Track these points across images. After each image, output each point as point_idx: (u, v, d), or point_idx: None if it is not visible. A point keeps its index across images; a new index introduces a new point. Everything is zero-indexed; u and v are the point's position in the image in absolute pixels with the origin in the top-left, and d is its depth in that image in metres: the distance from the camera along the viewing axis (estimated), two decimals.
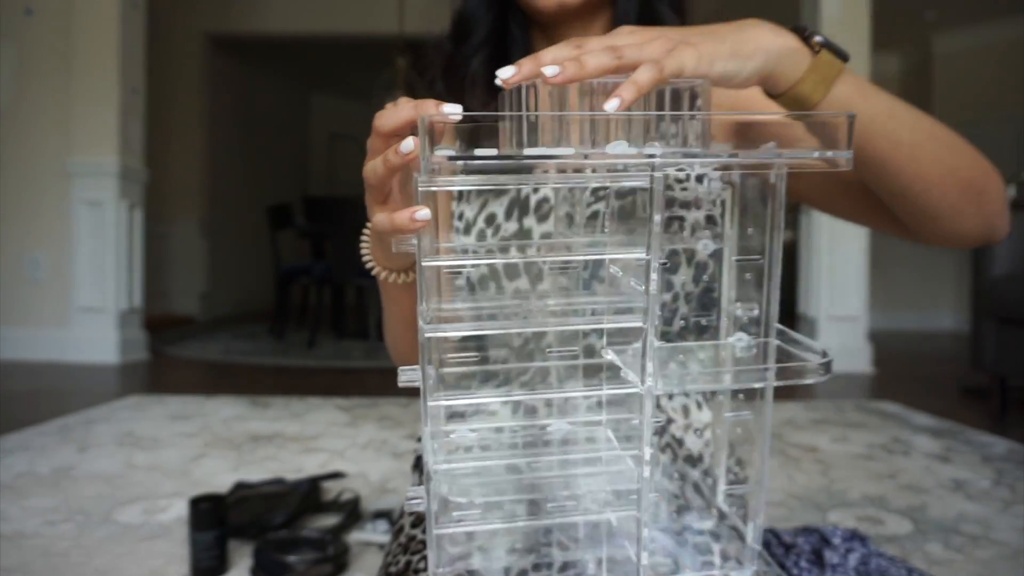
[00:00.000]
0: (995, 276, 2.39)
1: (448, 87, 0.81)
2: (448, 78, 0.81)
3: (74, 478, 1.60)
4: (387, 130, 0.51)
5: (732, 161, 0.43)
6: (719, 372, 0.46)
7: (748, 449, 0.51)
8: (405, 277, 0.67)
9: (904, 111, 0.55)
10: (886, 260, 5.36)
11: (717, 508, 0.55)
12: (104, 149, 3.37)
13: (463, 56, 0.79)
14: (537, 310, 0.51)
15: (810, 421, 2.28)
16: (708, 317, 0.56)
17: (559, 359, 0.55)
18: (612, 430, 0.51)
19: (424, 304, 0.45)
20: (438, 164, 0.41)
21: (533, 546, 0.54)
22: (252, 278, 6.37)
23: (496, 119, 0.42)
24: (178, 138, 5.35)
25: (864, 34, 3.34)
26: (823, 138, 0.42)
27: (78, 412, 2.28)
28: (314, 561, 1.09)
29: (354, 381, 3.08)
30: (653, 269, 0.42)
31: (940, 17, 5.08)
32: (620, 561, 0.50)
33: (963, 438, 2.06)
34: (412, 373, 0.45)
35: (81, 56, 3.36)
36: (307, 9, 5.20)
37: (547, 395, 0.54)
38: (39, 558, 1.17)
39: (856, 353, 3.38)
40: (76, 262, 3.40)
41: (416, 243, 0.45)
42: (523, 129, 0.41)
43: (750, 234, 0.49)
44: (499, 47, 0.80)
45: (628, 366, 0.45)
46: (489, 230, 0.73)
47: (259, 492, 1.38)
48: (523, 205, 0.72)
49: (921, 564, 1.17)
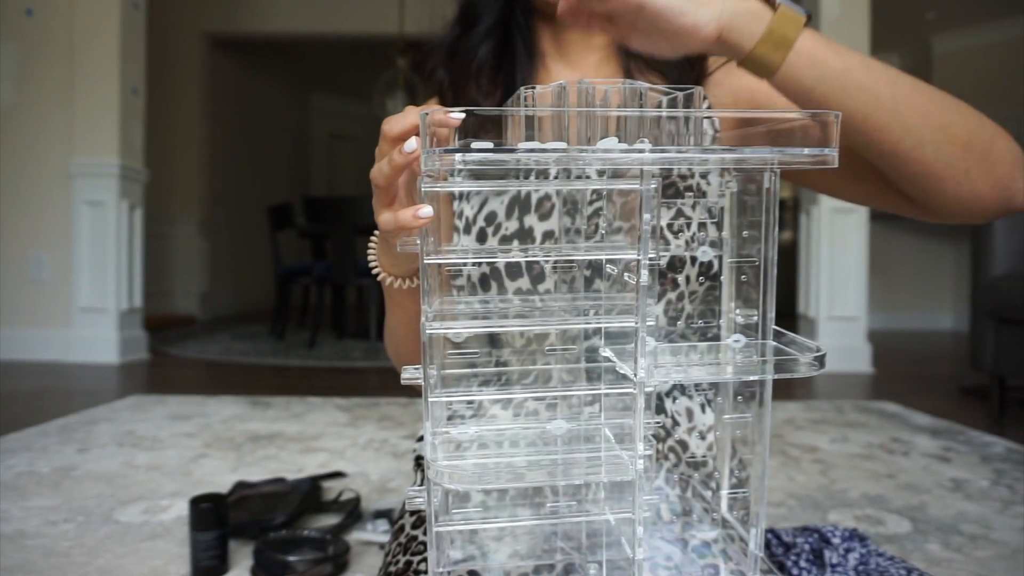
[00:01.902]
0: (994, 276, 2.39)
1: (450, 75, 0.81)
2: (451, 67, 0.81)
3: (75, 478, 1.61)
4: (394, 134, 0.52)
5: (725, 158, 0.43)
6: (715, 364, 0.47)
7: (749, 451, 0.51)
8: (411, 283, 0.67)
9: (880, 66, 0.54)
10: (886, 260, 5.36)
11: (721, 516, 0.55)
12: (105, 150, 3.38)
13: (470, 44, 0.79)
14: (538, 309, 0.51)
15: (810, 421, 2.28)
16: (711, 319, 0.56)
17: (560, 358, 0.55)
18: (613, 432, 0.52)
19: (427, 303, 0.45)
20: (437, 159, 0.41)
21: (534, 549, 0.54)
22: (252, 278, 6.37)
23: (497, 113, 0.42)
24: (178, 138, 5.35)
25: (864, 34, 3.34)
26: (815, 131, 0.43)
27: (79, 412, 2.29)
28: (314, 561, 1.09)
29: (354, 381, 3.08)
30: (643, 266, 0.43)
31: (940, 17, 5.09)
32: (622, 566, 0.50)
33: (962, 438, 2.06)
34: (414, 371, 0.46)
35: (82, 56, 3.36)
36: (307, 9, 5.20)
37: (547, 392, 0.54)
38: (40, 558, 1.17)
39: (856, 353, 3.38)
40: (77, 262, 3.40)
41: (419, 243, 0.46)
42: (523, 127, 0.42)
43: (746, 236, 0.50)
44: (505, 35, 0.80)
45: (623, 361, 0.45)
46: (490, 229, 0.73)
47: (259, 492, 1.39)
48: (524, 203, 0.72)
49: (920, 564, 1.17)
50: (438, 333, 0.46)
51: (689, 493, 0.67)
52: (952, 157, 0.55)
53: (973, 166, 0.55)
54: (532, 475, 0.47)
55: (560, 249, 0.50)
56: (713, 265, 0.69)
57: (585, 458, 0.49)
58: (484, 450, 0.51)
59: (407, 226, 0.47)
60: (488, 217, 0.73)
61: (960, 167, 0.55)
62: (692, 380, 0.66)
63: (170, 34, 5.13)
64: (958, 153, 0.55)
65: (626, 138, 0.45)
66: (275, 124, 6.86)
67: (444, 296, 0.52)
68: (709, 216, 0.68)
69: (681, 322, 0.71)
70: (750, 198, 0.50)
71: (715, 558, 0.56)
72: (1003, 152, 0.56)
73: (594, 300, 0.52)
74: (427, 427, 0.46)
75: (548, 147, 0.40)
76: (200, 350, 3.88)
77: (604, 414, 0.52)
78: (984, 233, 2.44)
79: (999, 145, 0.56)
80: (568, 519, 0.51)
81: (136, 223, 3.53)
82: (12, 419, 2.17)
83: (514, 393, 0.53)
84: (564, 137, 0.45)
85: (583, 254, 0.49)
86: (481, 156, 0.39)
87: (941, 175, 0.55)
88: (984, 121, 0.56)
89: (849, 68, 0.52)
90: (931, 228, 5.54)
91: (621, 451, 0.49)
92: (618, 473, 0.46)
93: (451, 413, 0.73)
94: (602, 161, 0.41)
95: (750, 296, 0.50)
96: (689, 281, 0.70)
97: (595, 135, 0.44)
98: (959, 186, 0.56)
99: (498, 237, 0.72)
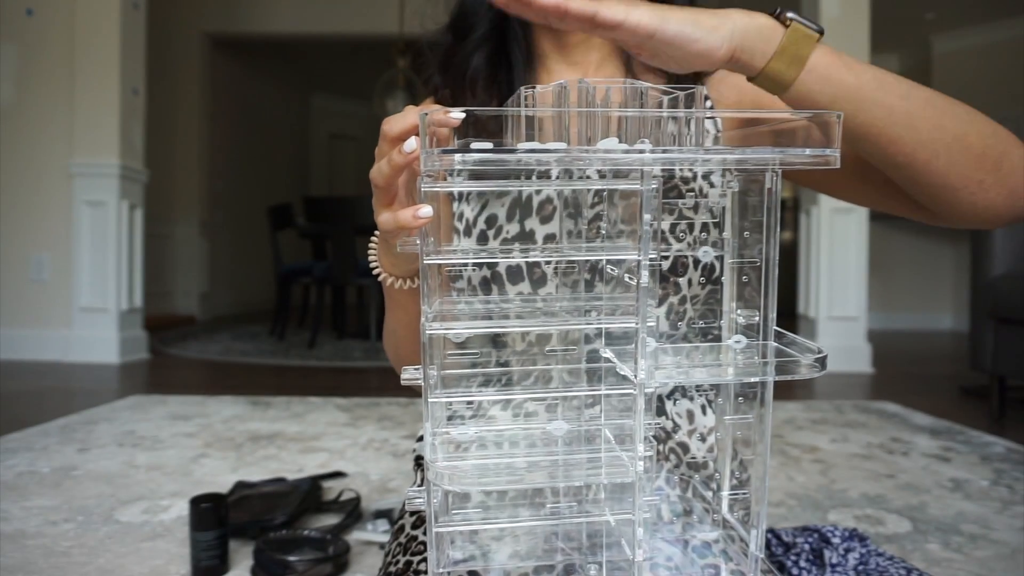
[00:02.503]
0: (994, 276, 2.39)
1: (446, 83, 0.80)
2: (446, 74, 0.80)
3: (75, 478, 1.61)
4: (394, 134, 0.52)
5: (726, 158, 0.43)
6: (717, 366, 0.47)
7: (749, 452, 0.51)
8: (411, 283, 0.67)
9: (894, 80, 0.54)
10: (886, 260, 5.36)
11: (722, 517, 0.55)
12: (105, 150, 3.38)
13: (464, 53, 0.78)
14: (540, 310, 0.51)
15: (810, 421, 2.28)
16: (713, 321, 0.56)
17: (562, 360, 0.55)
18: (613, 433, 0.52)
19: (427, 304, 0.45)
20: (436, 159, 0.41)
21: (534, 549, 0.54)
22: (252, 278, 6.37)
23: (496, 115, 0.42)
24: (178, 139, 5.36)
25: (864, 34, 3.34)
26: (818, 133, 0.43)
27: (79, 412, 2.29)
28: (315, 561, 1.09)
29: (354, 381, 3.08)
30: (644, 267, 0.43)
31: (940, 17, 5.09)
32: (622, 566, 0.50)
33: (962, 438, 2.06)
34: (414, 372, 0.46)
35: (82, 57, 3.36)
36: (307, 9, 5.20)
37: (546, 394, 0.54)
38: (41, 557, 1.17)
39: (856, 353, 3.38)
40: (77, 263, 3.41)
41: (419, 243, 0.46)
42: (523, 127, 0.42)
43: (746, 238, 0.50)
44: (500, 43, 0.80)
45: (623, 362, 0.45)
46: (491, 232, 0.72)
47: (260, 492, 1.39)
48: (525, 206, 0.71)
49: (920, 563, 1.17)
50: (438, 334, 0.46)
51: (690, 493, 0.67)
52: (966, 168, 0.54)
53: (987, 176, 0.55)
54: (532, 476, 0.47)
55: (562, 250, 0.50)
56: (716, 268, 0.69)
57: (585, 459, 0.49)
58: (484, 451, 0.51)
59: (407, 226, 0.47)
60: (489, 220, 0.72)
61: (974, 178, 0.55)
62: (693, 381, 0.66)
63: (170, 34, 5.13)
64: (972, 164, 0.54)
65: (627, 138, 0.45)
66: (275, 124, 6.86)
67: (444, 296, 0.52)
68: (711, 216, 0.68)
69: (683, 324, 0.71)
70: (752, 198, 0.50)
71: (716, 558, 0.56)
72: (1017, 162, 0.56)
73: (596, 302, 0.52)
74: (427, 427, 0.46)
75: (547, 147, 0.40)
76: (200, 350, 3.88)
77: (605, 415, 0.52)
78: (984, 233, 2.45)
79: (1013, 155, 0.56)
80: (568, 520, 0.50)
81: (136, 223, 3.53)
82: (13, 419, 2.17)
83: (513, 394, 0.53)
84: (565, 137, 0.45)
85: (584, 255, 0.49)
86: (480, 156, 0.39)
87: (955, 186, 0.55)
88: (999, 131, 0.56)
89: (862, 84, 0.52)
90: (931, 228, 5.54)
91: (621, 452, 0.49)
92: (618, 474, 0.46)
93: (451, 413, 0.72)
94: (602, 161, 0.41)
95: (751, 297, 0.50)
96: (691, 284, 0.70)
97: (596, 135, 0.44)
98: (973, 196, 0.56)
99: (499, 240, 0.72)
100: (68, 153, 3.40)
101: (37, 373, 3.08)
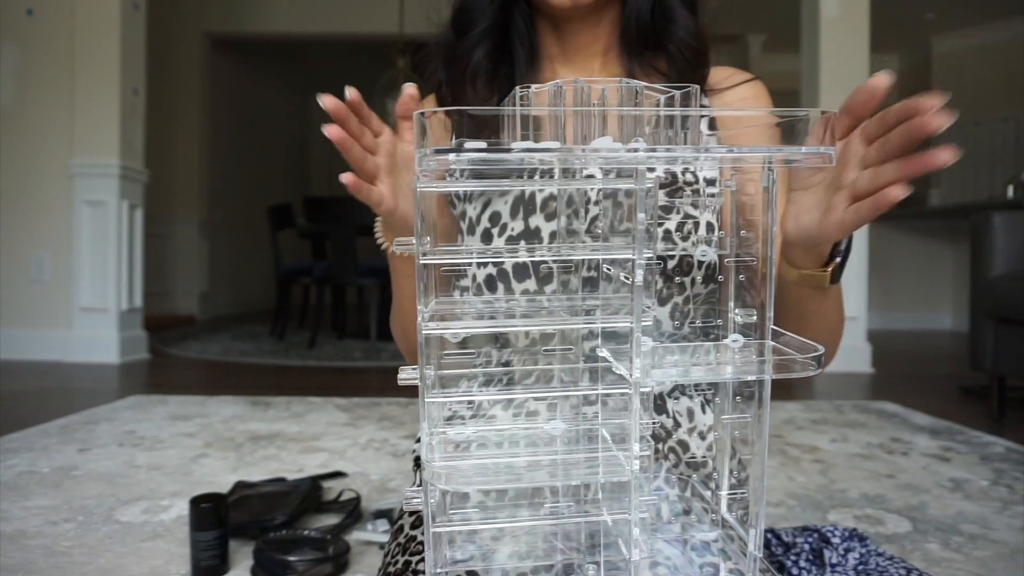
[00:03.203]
0: (994, 276, 2.39)
1: (449, 79, 0.80)
2: (449, 70, 0.80)
3: (76, 478, 1.61)
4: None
5: (722, 156, 0.43)
6: (714, 364, 0.47)
7: (748, 451, 0.51)
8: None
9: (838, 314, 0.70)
10: (886, 261, 5.36)
11: (720, 517, 0.55)
12: (105, 150, 3.38)
13: (465, 48, 0.78)
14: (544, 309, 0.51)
15: (809, 421, 2.28)
16: (714, 320, 0.56)
17: (561, 359, 0.55)
18: (612, 432, 0.52)
19: (423, 304, 0.45)
20: (431, 158, 0.41)
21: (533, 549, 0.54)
22: (252, 278, 6.37)
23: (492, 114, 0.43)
24: (178, 138, 5.36)
25: (864, 34, 3.34)
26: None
27: (80, 412, 2.29)
28: (314, 561, 1.09)
29: (354, 381, 3.08)
30: (638, 265, 0.43)
31: (940, 17, 5.09)
32: (621, 566, 0.50)
33: (962, 438, 2.06)
34: (412, 372, 0.46)
35: (82, 57, 3.36)
36: (307, 9, 5.20)
37: (544, 393, 0.54)
38: (41, 557, 1.17)
39: (855, 353, 3.38)
40: (78, 263, 3.41)
41: (415, 243, 0.46)
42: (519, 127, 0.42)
43: (744, 236, 0.50)
44: (502, 39, 0.80)
45: (619, 361, 0.45)
46: (495, 229, 0.72)
47: (260, 492, 1.39)
48: (529, 203, 0.71)
49: (920, 563, 1.17)
50: (435, 334, 0.46)
51: (689, 493, 0.67)
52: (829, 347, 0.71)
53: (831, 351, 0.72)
54: (531, 475, 0.47)
55: (559, 250, 0.50)
56: (715, 267, 0.69)
57: (584, 459, 0.49)
58: (483, 450, 0.51)
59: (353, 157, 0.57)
60: (492, 217, 0.72)
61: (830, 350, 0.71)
62: (690, 380, 0.66)
63: (170, 34, 5.13)
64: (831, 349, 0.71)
65: (623, 137, 0.45)
66: (275, 124, 6.87)
67: (443, 296, 0.52)
68: (713, 216, 0.68)
69: (683, 325, 0.71)
70: (748, 197, 0.50)
71: (714, 558, 0.56)
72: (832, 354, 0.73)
73: (596, 301, 0.52)
74: (424, 428, 0.46)
75: (541, 147, 0.40)
76: (200, 350, 3.88)
77: (604, 414, 0.52)
78: (984, 233, 2.44)
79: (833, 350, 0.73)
80: (567, 520, 0.50)
81: (136, 223, 3.54)
82: (13, 419, 2.17)
83: (513, 394, 0.52)
84: (561, 137, 0.45)
85: (580, 254, 0.49)
86: (473, 156, 0.39)
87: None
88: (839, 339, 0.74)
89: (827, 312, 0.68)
90: (931, 228, 5.54)
91: (618, 451, 0.49)
92: (616, 474, 0.46)
93: (451, 414, 0.72)
94: (596, 160, 0.41)
95: (749, 296, 0.50)
96: (694, 284, 0.70)
97: (592, 134, 0.44)
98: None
99: (504, 238, 0.71)
100: (68, 153, 3.40)
101: (37, 373, 3.08)
